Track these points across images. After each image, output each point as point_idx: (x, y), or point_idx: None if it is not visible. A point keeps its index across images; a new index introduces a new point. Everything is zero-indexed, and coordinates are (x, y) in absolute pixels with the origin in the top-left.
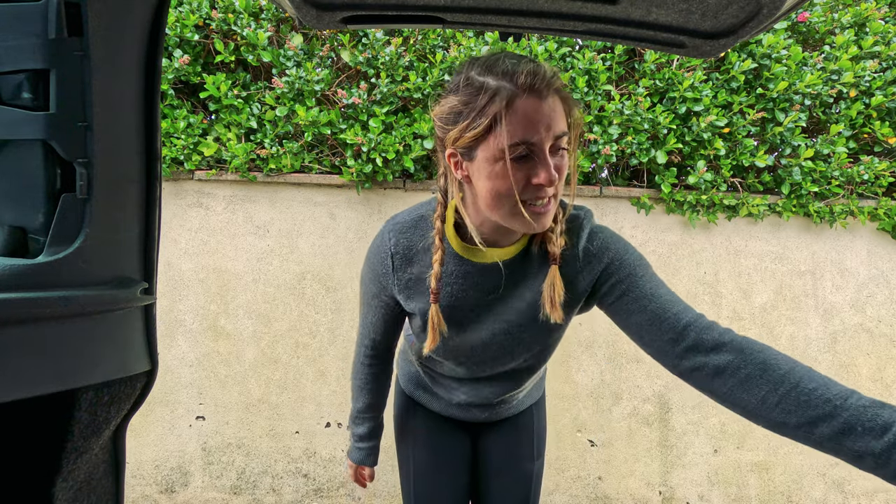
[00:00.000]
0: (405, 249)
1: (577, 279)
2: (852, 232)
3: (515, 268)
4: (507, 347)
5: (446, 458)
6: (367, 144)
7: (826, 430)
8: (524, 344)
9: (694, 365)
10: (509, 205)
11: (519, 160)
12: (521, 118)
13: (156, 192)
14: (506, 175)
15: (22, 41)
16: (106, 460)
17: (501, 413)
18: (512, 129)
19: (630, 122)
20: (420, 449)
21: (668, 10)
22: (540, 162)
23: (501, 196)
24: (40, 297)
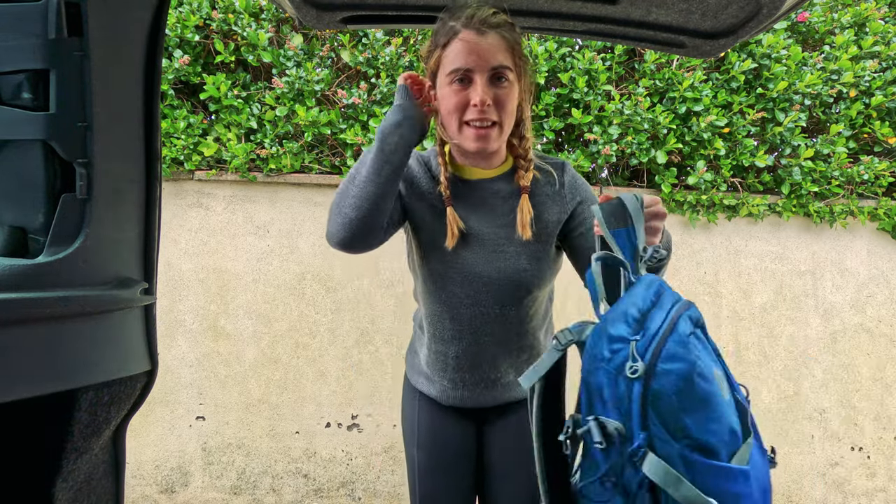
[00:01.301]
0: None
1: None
2: (852, 232)
3: (498, 187)
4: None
5: (450, 458)
6: (367, 144)
7: None
8: (511, 257)
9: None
10: (455, 124)
11: (459, 83)
12: (460, 49)
13: (156, 192)
14: (450, 96)
15: (22, 41)
16: (106, 460)
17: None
18: (452, 57)
19: (630, 122)
20: (423, 448)
21: (668, 10)
22: (476, 86)
23: (450, 115)
24: (40, 297)
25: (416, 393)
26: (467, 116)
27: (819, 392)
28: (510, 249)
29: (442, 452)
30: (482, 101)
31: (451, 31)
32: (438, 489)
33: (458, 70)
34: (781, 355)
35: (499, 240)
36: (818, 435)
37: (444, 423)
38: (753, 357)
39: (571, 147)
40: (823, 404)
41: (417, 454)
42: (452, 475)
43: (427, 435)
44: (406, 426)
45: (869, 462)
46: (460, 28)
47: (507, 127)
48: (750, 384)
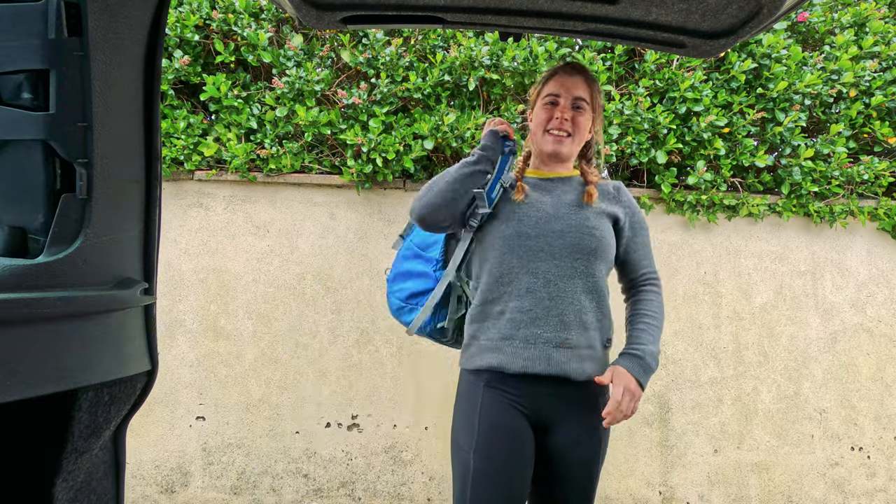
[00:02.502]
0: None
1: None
2: (852, 232)
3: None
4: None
5: (509, 466)
6: (367, 145)
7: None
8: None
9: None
10: (541, 131)
11: (550, 105)
12: (554, 82)
13: (156, 192)
14: (541, 112)
15: (22, 41)
16: (106, 460)
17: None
18: (549, 87)
19: (630, 122)
20: (483, 455)
21: (668, 10)
22: (560, 107)
23: (539, 126)
24: (40, 297)
25: (480, 383)
26: (549, 126)
27: (819, 392)
28: (577, 214)
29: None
30: (562, 114)
31: (552, 72)
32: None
33: (551, 94)
34: (781, 355)
35: (565, 211)
36: (818, 435)
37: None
38: (753, 357)
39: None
40: (823, 404)
41: (474, 460)
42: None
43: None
44: (462, 429)
45: (869, 462)
46: (559, 70)
47: (579, 141)
48: (750, 384)
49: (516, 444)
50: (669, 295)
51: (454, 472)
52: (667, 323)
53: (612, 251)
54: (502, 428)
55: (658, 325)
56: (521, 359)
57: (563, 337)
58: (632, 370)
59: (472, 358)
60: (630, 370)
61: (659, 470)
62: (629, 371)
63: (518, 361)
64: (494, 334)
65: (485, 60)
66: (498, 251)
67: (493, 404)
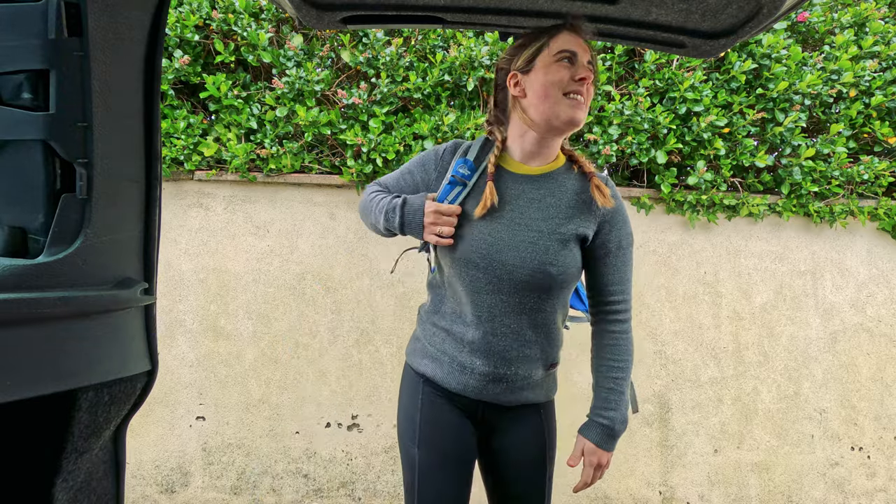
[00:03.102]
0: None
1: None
2: (852, 232)
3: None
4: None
5: (453, 458)
6: (367, 145)
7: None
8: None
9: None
10: (556, 95)
11: (567, 62)
12: (569, 38)
13: (156, 192)
14: (558, 70)
15: (22, 41)
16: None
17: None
18: (562, 41)
19: (630, 122)
20: (426, 447)
21: (667, 10)
22: (579, 66)
23: (553, 86)
24: (40, 297)
25: (419, 382)
26: (569, 88)
27: (819, 392)
28: (540, 242)
29: (445, 452)
30: (587, 77)
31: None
32: (442, 491)
33: (568, 51)
34: (781, 355)
35: (527, 235)
36: (818, 435)
37: (447, 419)
38: (753, 357)
39: (571, 147)
40: (823, 404)
41: (419, 453)
42: (455, 476)
43: (428, 431)
44: (405, 422)
45: (869, 462)
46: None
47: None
48: (750, 384)
49: (457, 437)
50: (669, 295)
51: (402, 464)
52: (667, 323)
53: (575, 279)
54: (442, 423)
55: (626, 375)
56: (455, 381)
57: (501, 373)
58: (601, 444)
59: (414, 357)
60: (599, 444)
61: (659, 470)
62: (599, 445)
63: (452, 383)
64: (437, 344)
65: (485, 60)
66: (447, 270)
67: (433, 402)
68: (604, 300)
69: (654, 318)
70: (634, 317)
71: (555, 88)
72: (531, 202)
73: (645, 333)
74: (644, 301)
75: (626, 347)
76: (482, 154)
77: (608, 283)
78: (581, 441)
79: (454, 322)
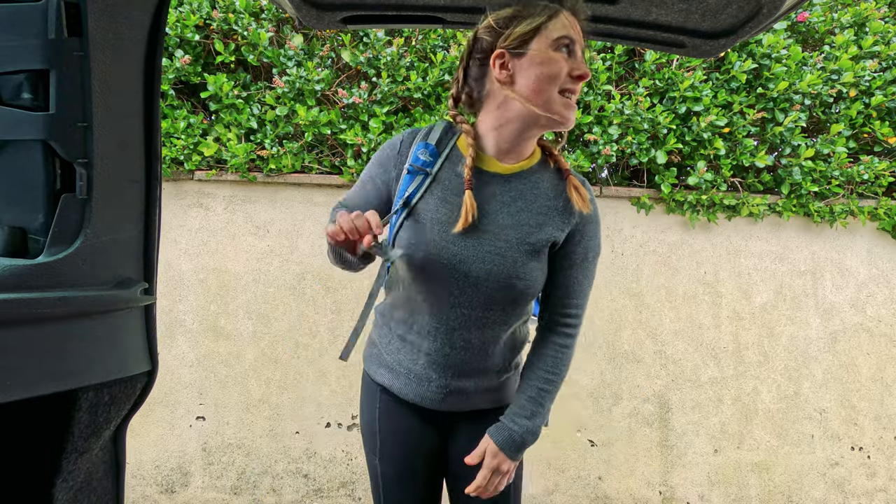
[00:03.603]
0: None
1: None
2: (852, 232)
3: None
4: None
5: (416, 468)
6: (367, 145)
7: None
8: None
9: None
10: (550, 92)
11: (566, 50)
12: (568, 21)
13: (156, 192)
14: (559, 61)
15: (22, 41)
16: (106, 461)
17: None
18: (560, 25)
19: (630, 122)
20: (387, 460)
21: (667, 10)
22: (579, 60)
23: (550, 79)
24: (40, 297)
25: (377, 390)
26: (565, 85)
27: (819, 392)
28: (508, 254)
29: (406, 462)
30: (587, 74)
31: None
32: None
33: (567, 38)
34: (781, 355)
35: (496, 245)
36: (818, 435)
37: (407, 427)
38: (753, 357)
39: (571, 147)
40: (823, 404)
41: (380, 465)
42: (418, 486)
43: (389, 442)
44: (366, 432)
45: (869, 462)
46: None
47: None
48: (750, 384)
49: (418, 445)
50: (669, 295)
51: (369, 474)
52: (667, 323)
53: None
54: (402, 432)
55: (554, 388)
56: (412, 393)
57: (459, 385)
58: (504, 448)
59: (371, 363)
60: (503, 448)
61: (659, 470)
62: (502, 449)
63: (410, 394)
64: (393, 352)
65: None
66: (403, 275)
67: (391, 411)
68: (556, 311)
69: (654, 318)
70: (635, 317)
71: (551, 83)
72: (501, 206)
73: (645, 333)
74: (644, 301)
75: (564, 362)
76: (445, 139)
77: (565, 295)
78: (485, 441)
79: (409, 330)
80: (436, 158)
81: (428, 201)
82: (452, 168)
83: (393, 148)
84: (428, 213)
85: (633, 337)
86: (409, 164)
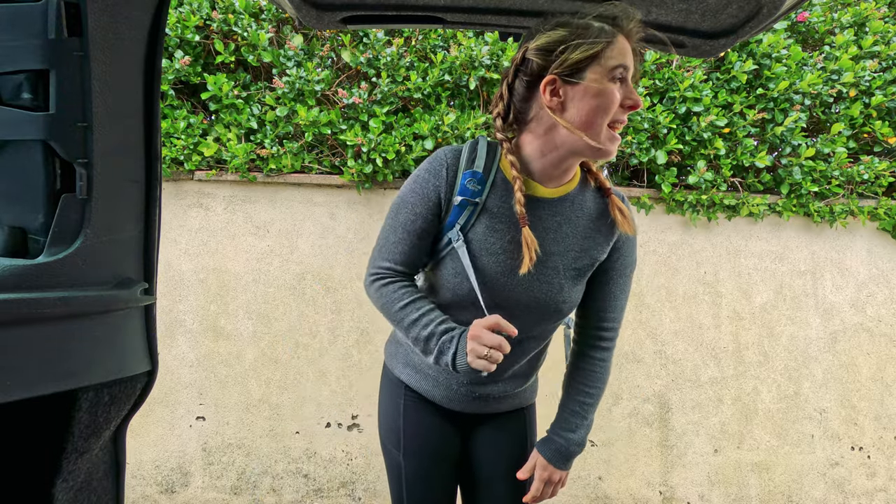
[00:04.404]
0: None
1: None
2: (852, 232)
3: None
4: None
5: (439, 466)
6: (367, 145)
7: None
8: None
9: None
10: (601, 123)
11: (620, 82)
12: (622, 49)
13: (156, 193)
14: (614, 93)
15: (22, 41)
16: (106, 461)
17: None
18: (618, 52)
19: (630, 122)
20: (411, 457)
21: (667, 10)
22: (630, 88)
23: (603, 112)
24: (40, 297)
25: (401, 388)
26: (616, 116)
27: (819, 392)
28: (554, 281)
29: (431, 460)
30: (640, 104)
31: (613, 31)
32: (427, 498)
33: (623, 66)
34: (781, 355)
35: (545, 268)
36: (818, 435)
37: (431, 425)
38: (753, 357)
39: None
40: (823, 404)
41: (404, 462)
42: (440, 483)
43: (414, 439)
44: (389, 429)
45: (869, 462)
46: (622, 31)
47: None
48: (750, 384)
49: (442, 442)
50: (669, 295)
51: (388, 470)
52: (667, 323)
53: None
54: (426, 429)
55: (595, 401)
56: (438, 395)
57: (484, 391)
58: (553, 461)
59: (395, 361)
60: (552, 461)
61: (659, 470)
62: (551, 462)
63: (436, 396)
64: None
65: (485, 60)
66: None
67: (416, 408)
68: (594, 324)
69: (654, 318)
70: (635, 317)
71: (603, 116)
72: (547, 232)
73: (645, 333)
74: (644, 301)
75: (603, 376)
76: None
77: (602, 309)
78: (535, 455)
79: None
80: (483, 186)
81: (476, 230)
82: (498, 195)
83: (437, 176)
84: (476, 243)
85: (633, 337)
86: (458, 194)
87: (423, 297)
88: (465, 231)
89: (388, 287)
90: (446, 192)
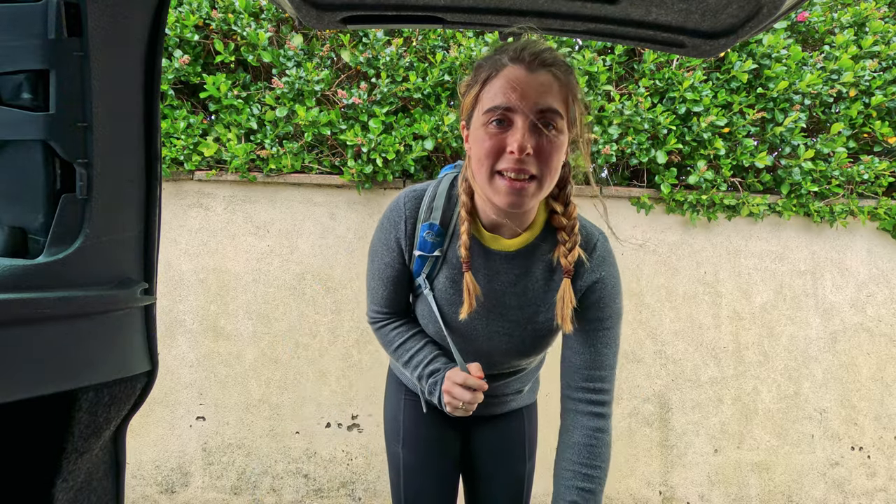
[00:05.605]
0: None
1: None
2: (852, 231)
3: (519, 260)
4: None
5: (436, 458)
6: (367, 145)
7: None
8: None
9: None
10: (486, 173)
11: (497, 125)
12: (502, 85)
13: (156, 192)
14: (484, 139)
15: (22, 41)
16: (106, 461)
17: (497, 407)
18: (493, 93)
19: (630, 122)
20: (410, 448)
21: (667, 10)
22: (515, 130)
23: (480, 161)
24: (40, 297)
25: (402, 388)
26: (501, 165)
27: (819, 392)
28: (515, 334)
29: (428, 451)
30: (521, 149)
31: (495, 64)
32: (425, 489)
33: (497, 109)
34: (781, 355)
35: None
36: (818, 435)
37: (430, 419)
38: (753, 357)
39: (571, 147)
40: (823, 404)
41: (402, 452)
42: (438, 475)
43: (412, 433)
44: (389, 422)
45: (869, 462)
46: (507, 62)
47: (548, 185)
48: (750, 384)
49: (440, 437)
50: (669, 295)
51: (388, 463)
52: (667, 323)
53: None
54: (426, 423)
55: (599, 487)
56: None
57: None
58: None
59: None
60: None
61: (659, 470)
62: None
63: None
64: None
65: None
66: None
67: (415, 405)
68: (580, 384)
69: (654, 318)
70: (635, 317)
71: (481, 165)
72: (507, 286)
73: (645, 333)
74: (644, 301)
75: (603, 451)
76: (448, 208)
77: (586, 367)
78: None
79: None
80: (442, 238)
81: (439, 279)
82: (456, 246)
83: (396, 228)
84: (438, 292)
85: (633, 337)
86: (417, 248)
87: (413, 336)
88: (430, 279)
89: (382, 330)
90: (406, 245)
